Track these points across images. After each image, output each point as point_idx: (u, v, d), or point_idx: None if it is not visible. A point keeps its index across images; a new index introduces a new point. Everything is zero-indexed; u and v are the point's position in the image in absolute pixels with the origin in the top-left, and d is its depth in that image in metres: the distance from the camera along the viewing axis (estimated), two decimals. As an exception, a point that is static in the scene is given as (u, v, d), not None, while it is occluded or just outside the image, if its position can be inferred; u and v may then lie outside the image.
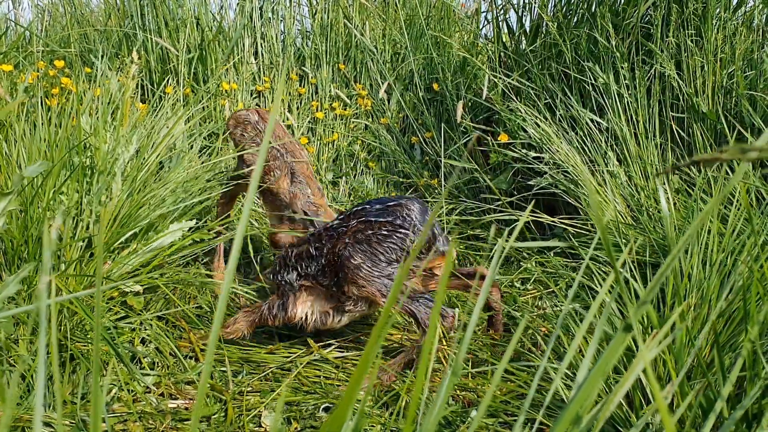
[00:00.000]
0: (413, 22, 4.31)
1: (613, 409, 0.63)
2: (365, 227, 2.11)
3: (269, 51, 4.25)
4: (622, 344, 0.66)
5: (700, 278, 1.92)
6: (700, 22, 3.14)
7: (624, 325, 0.65)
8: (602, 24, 3.24)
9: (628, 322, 0.65)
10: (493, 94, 3.47)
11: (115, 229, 2.49)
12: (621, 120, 3.17)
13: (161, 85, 3.95)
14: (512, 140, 3.35)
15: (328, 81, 4.24)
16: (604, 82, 3.22)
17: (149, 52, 3.95)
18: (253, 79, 4.17)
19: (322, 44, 4.25)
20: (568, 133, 3.23)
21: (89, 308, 2.31)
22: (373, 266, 2.07)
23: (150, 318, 2.41)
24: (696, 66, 3.14)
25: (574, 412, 0.57)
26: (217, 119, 3.88)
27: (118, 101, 3.04)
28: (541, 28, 3.54)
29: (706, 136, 3.08)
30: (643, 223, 2.71)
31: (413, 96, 4.06)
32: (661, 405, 0.57)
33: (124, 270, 2.42)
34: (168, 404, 2.03)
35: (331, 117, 4.11)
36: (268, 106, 4.12)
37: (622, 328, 0.64)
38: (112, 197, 2.46)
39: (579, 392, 0.64)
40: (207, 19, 4.09)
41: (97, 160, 2.42)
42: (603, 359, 0.65)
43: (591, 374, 0.65)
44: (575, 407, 0.60)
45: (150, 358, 2.26)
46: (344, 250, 2.11)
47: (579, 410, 0.60)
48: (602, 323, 0.75)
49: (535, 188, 3.16)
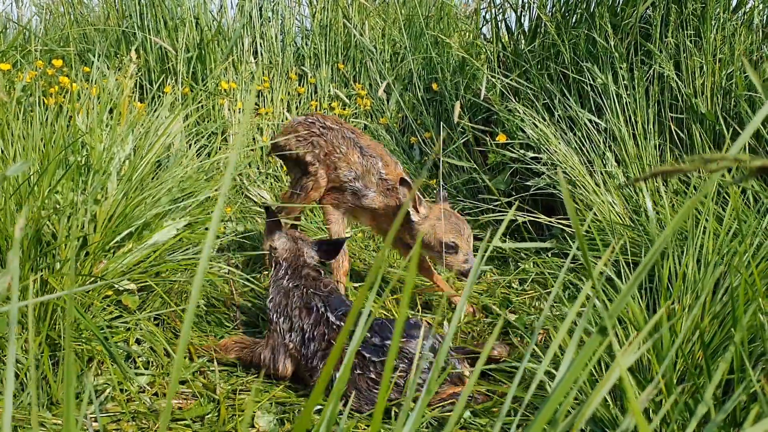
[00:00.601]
0: (412, 21, 4.30)
1: (589, 414, 0.62)
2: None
3: (269, 50, 4.25)
4: (596, 347, 0.65)
5: (695, 279, 1.90)
6: (699, 23, 3.13)
7: (599, 326, 0.64)
8: (601, 24, 3.23)
9: (604, 324, 0.64)
10: (492, 95, 3.46)
11: (110, 229, 2.48)
12: (619, 120, 3.16)
13: (160, 84, 3.96)
14: (511, 140, 3.34)
15: (328, 80, 4.24)
16: (603, 82, 3.21)
17: (148, 51, 3.95)
18: (252, 78, 4.18)
19: (322, 44, 4.25)
20: (567, 134, 3.23)
21: (84, 307, 2.31)
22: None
23: (145, 317, 2.40)
24: (695, 66, 3.13)
25: (547, 417, 0.57)
26: (216, 118, 3.88)
27: (115, 100, 3.04)
28: (539, 29, 3.54)
29: (705, 136, 3.07)
30: (639, 224, 2.70)
31: (412, 96, 4.06)
32: (637, 412, 0.56)
33: (118, 269, 2.41)
34: (161, 404, 2.03)
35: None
36: (267, 106, 4.12)
37: (597, 330, 0.63)
38: (108, 196, 2.46)
39: (551, 398, 0.63)
40: (206, 18, 4.09)
41: (93, 159, 2.42)
42: (576, 364, 0.64)
43: (562, 379, 0.64)
44: (548, 411, 0.59)
45: (145, 357, 2.25)
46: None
47: (552, 415, 0.59)
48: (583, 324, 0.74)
49: (532, 188, 3.15)
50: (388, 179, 2.60)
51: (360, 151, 2.65)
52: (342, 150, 2.64)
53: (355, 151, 2.65)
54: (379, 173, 2.61)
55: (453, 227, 2.45)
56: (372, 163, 2.63)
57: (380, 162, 2.63)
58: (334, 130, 2.69)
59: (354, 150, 2.65)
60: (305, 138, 2.71)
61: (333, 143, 2.67)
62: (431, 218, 2.48)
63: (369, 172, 2.62)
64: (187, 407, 2.03)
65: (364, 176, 2.62)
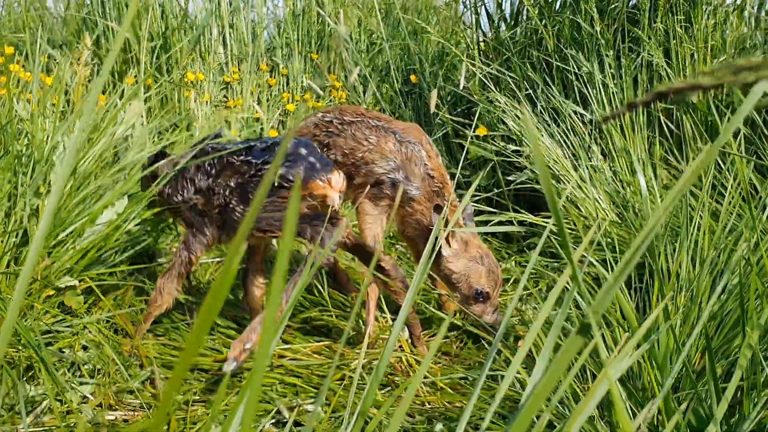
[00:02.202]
0: (390, 9, 4.11)
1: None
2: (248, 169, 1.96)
3: (238, 40, 4.04)
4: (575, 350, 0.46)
5: (690, 278, 1.73)
6: (689, 7, 2.97)
7: (580, 324, 0.45)
8: (586, 9, 3.05)
9: (586, 321, 0.45)
10: (472, 85, 3.28)
11: (54, 223, 2.28)
12: (606, 111, 2.99)
13: (123, 75, 3.75)
14: (491, 132, 3.15)
15: (300, 71, 4.03)
16: (588, 71, 3.04)
17: (110, 40, 3.73)
18: (221, 69, 3.97)
19: (294, 33, 4.05)
20: (550, 126, 3.04)
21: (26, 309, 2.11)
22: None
23: (94, 320, 2.22)
24: (686, 54, 2.96)
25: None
26: (182, 110, 3.67)
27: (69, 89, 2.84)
28: (521, 14, 3.36)
29: (697, 127, 2.91)
30: (629, 219, 2.52)
31: (390, 88, 3.87)
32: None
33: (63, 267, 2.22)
34: (105, 416, 1.87)
35: (304, 109, 3.91)
36: (236, 98, 3.92)
37: (576, 329, 0.44)
38: (51, 188, 2.25)
39: (520, 414, 0.46)
40: (171, 6, 3.87)
41: (34, 148, 2.21)
42: (552, 371, 0.45)
43: (533, 390, 0.46)
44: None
45: (92, 364, 2.07)
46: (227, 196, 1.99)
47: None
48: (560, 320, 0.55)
49: (513, 183, 2.97)
50: (434, 176, 2.25)
51: (395, 137, 2.28)
52: (372, 140, 2.28)
53: (389, 138, 2.28)
54: (425, 165, 2.25)
55: (489, 274, 2.18)
56: (413, 150, 2.26)
57: (423, 151, 2.26)
58: (355, 124, 2.32)
59: (388, 137, 2.28)
60: (321, 142, 2.35)
61: (356, 137, 2.30)
62: (464, 256, 2.20)
63: (411, 161, 2.26)
64: (133, 419, 1.86)
65: (405, 166, 2.26)
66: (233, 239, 1.97)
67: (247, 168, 1.95)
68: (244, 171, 1.95)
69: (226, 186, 1.98)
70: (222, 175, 2.00)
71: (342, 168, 2.25)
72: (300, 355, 2.13)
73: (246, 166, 1.95)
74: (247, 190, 1.94)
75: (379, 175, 2.27)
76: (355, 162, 2.29)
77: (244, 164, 1.96)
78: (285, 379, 2.00)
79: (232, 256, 0.32)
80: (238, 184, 1.96)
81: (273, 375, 2.02)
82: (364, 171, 2.28)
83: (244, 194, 1.95)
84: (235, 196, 1.97)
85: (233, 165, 1.98)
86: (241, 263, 2.20)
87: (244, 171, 1.95)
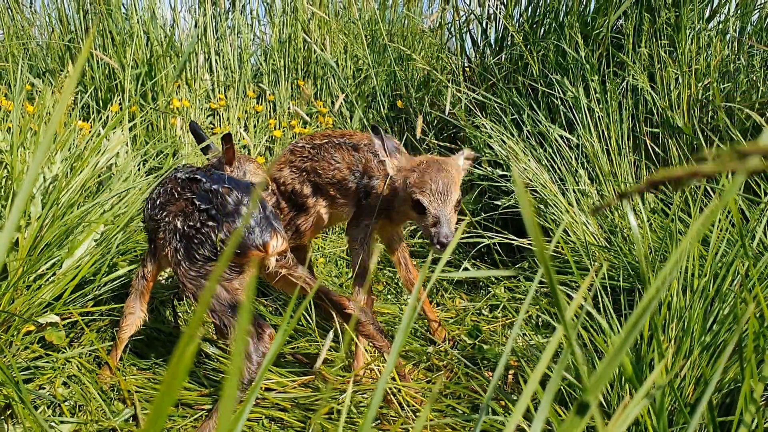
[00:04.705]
0: (375, 36, 4.11)
1: None
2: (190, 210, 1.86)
3: (225, 67, 4.02)
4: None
5: (681, 306, 1.71)
6: (673, 32, 2.98)
7: (578, 403, 0.42)
8: (571, 35, 3.06)
9: (584, 400, 0.42)
10: (458, 110, 3.27)
11: (34, 258, 2.23)
12: (592, 136, 2.98)
13: (107, 103, 3.71)
14: (478, 156, 3.14)
15: (287, 98, 4.01)
16: (574, 95, 3.03)
17: (94, 68, 3.70)
18: (207, 96, 3.94)
19: (281, 59, 4.03)
20: (537, 150, 3.03)
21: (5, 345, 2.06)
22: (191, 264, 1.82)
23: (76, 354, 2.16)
24: (670, 78, 2.96)
25: None
26: (168, 138, 3.63)
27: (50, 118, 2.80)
28: (506, 40, 3.36)
29: (682, 151, 2.90)
30: (616, 245, 2.50)
31: (376, 114, 3.86)
32: None
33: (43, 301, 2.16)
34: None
35: (290, 135, 3.88)
36: (222, 125, 3.89)
37: (575, 409, 0.41)
38: (31, 221, 2.21)
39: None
40: (156, 33, 3.85)
41: (13, 179, 2.17)
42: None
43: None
44: None
45: (72, 401, 2.01)
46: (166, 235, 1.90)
47: None
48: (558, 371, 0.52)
49: (501, 208, 2.95)
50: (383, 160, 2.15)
51: (354, 149, 2.28)
52: (337, 158, 2.29)
53: (349, 151, 2.28)
54: (378, 156, 2.16)
55: (423, 180, 1.98)
56: (369, 152, 2.25)
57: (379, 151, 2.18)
58: (323, 146, 2.33)
59: (348, 150, 2.28)
60: (298, 167, 2.37)
61: (325, 158, 2.31)
62: (407, 169, 2.06)
63: (370, 162, 2.23)
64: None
65: (367, 170, 2.24)
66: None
67: (190, 210, 1.84)
68: (188, 212, 1.84)
69: (171, 222, 1.89)
70: (167, 209, 1.92)
71: (329, 188, 2.29)
72: (287, 388, 2.09)
73: (191, 207, 1.84)
74: (190, 245, 1.83)
75: (354, 189, 2.29)
76: (330, 181, 2.32)
77: (189, 203, 1.85)
78: (272, 414, 1.95)
79: (185, 344, 0.29)
80: (182, 234, 1.85)
81: (258, 410, 1.97)
82: (343, 188, 2.30)
83: (188, 248, 1.83)
84: (177, 239, 1.87)
85: (179, 199, 1.89)
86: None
87: (189, 212, 1.84)
